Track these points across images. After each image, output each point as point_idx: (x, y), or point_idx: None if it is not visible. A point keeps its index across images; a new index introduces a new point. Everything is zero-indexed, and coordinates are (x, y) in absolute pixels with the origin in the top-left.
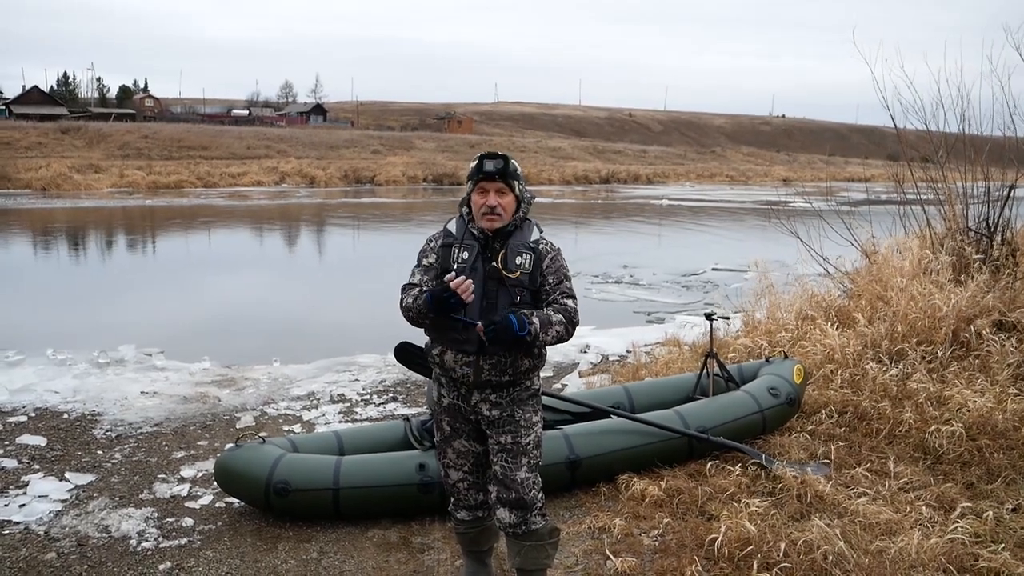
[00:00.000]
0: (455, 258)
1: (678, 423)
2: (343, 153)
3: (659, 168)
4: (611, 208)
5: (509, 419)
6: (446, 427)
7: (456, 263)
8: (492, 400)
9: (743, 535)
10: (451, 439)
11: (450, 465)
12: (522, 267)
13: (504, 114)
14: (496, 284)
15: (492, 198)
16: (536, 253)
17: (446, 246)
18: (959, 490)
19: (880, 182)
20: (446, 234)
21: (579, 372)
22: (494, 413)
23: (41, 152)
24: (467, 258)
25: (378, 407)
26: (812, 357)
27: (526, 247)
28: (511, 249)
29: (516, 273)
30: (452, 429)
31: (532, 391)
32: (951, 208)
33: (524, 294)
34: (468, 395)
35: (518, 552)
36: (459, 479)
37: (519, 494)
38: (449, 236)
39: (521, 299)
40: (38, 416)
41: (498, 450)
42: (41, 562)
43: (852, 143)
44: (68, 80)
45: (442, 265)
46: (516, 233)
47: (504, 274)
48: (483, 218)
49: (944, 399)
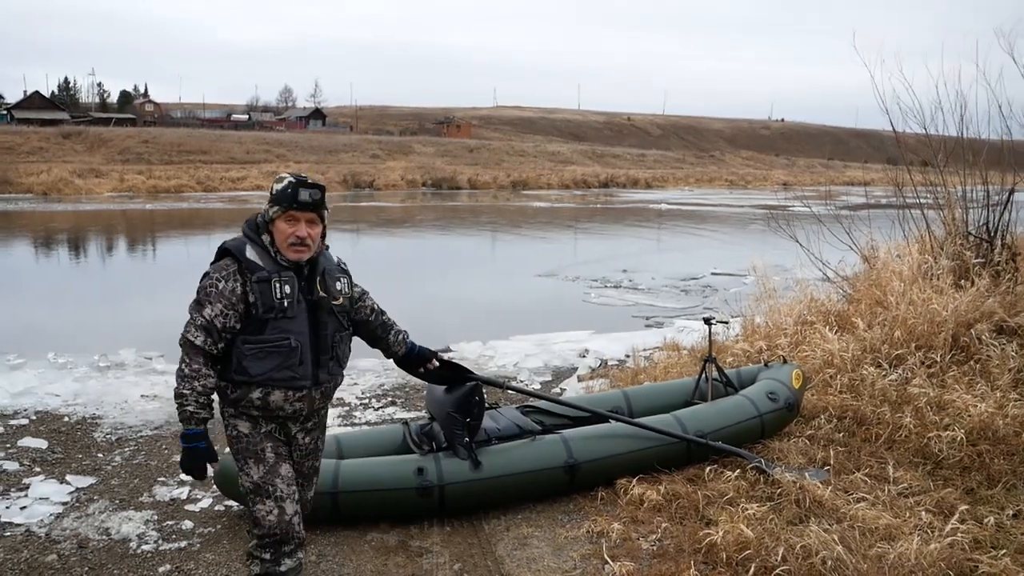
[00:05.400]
0: (277, 293)
1: (677, 428)
2: (342, 158)
3: (658, 172)
4: (610, 212)
5: (315, 448)
6: (270, 456)
7: (280, 299)
8: (307, 427)
9: (741, 540)
10: (278, 467)
11: (283, 497)
12: (343, 291)
13: (503, 118)
14: (324, 314)
15: (303, 228)
16: (348, 276)
17: (263, 281)
18: (959, 495)
19: (879, 186)
20: (251, 265)
21: (578, 376)
22: (306, 441)
23: (42, 157)
24: (289, 292)
25: (377, 411)
26: (811, 362)
27: (340, 271)
28: (328, 275)
29: (340, 299)
30: (276, 455)
31: (327, 412)
32: (950, 212)
33: (345, 318)
34: (286, 427)
35: None
36: (294, 511)
37: (305, 511)
38: (257, 268)
39: (344, 323)
40: (39, 419)
41: (296, 476)
42: (42, 564)
43: (851, 147)
44: (69, 85)
45: (264, 303)
46: (321, 258)
47: (332, 303)
48: (290, 249)
49: (944, 404)
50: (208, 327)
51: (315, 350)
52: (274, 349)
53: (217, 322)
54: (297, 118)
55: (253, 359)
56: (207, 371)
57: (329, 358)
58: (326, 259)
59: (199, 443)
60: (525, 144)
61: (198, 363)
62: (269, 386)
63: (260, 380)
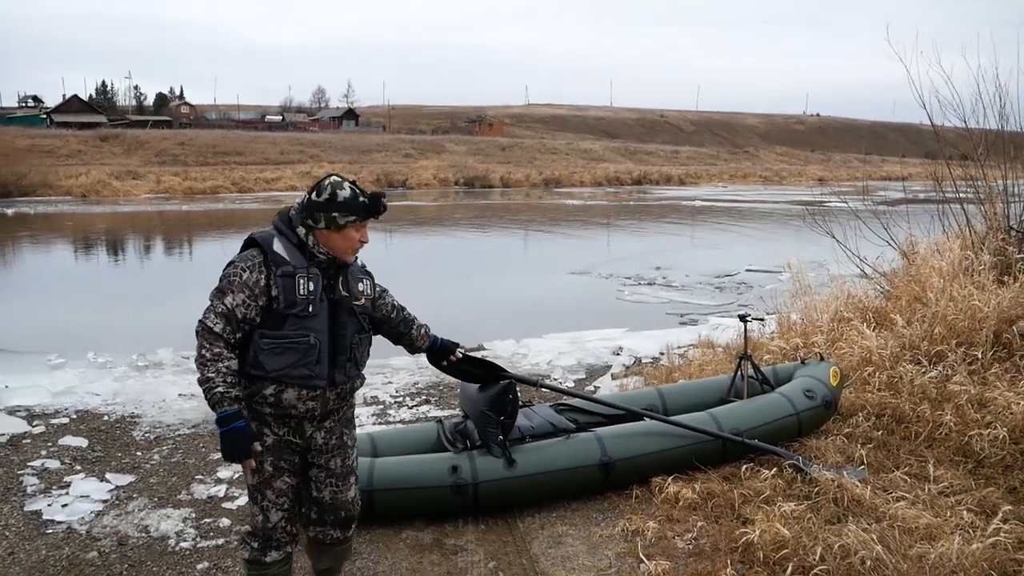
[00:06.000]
0: (301, 289)
1: (712, 425)
2: (375, 157)
3: (691, 169)
4: (643, 209)
5: (339, 444)
6: (267, 468)
7: (303, 295)
8: (325, 426)
9: (778, 539)
10: (271, 480)
11: (269, 507)
12: (365, 292)
13: (535, 116)
14: (345, 314)
15: (367, 234)
16: (371, 277)
17: (287, 276)
18: (1001, 495)
19: (918, 180)
20: (277, 259)
21: (612, 374)
22: (324, 439)
23: (81, 160)
24: (313, 289)
25: (411, 409)
26: (849, 359)
27: (363, 272)
28: (351, 276)
29: (362, 300)
30: (275, 469)
31: (354, 408)
32: (991, 207)
33: (366, 320)
34: (300, 428)
35: (331, 556)
36: (279, 520)
37: (349, 513)
38: (283, 262)
39: (365, 325)
40: (79, 418)
41: (326, 477)
42: (83, 560)
43: (888, 141)
44: (106, 88)
45: (286, 299)
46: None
47: (353, 303)
48: (349, 252)
49: (985, 401)
50: (228, 315)
51: (333, 350)
52: (292, 345)
53: (238, 312)
54: (330, 118)
55: (270, 354)
56: (229, 354)
57: (347, 359)
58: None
59: (237, 422)
60: (557, 142)
61: (218, 347)
62: (283, 383)
63: (275, 376)
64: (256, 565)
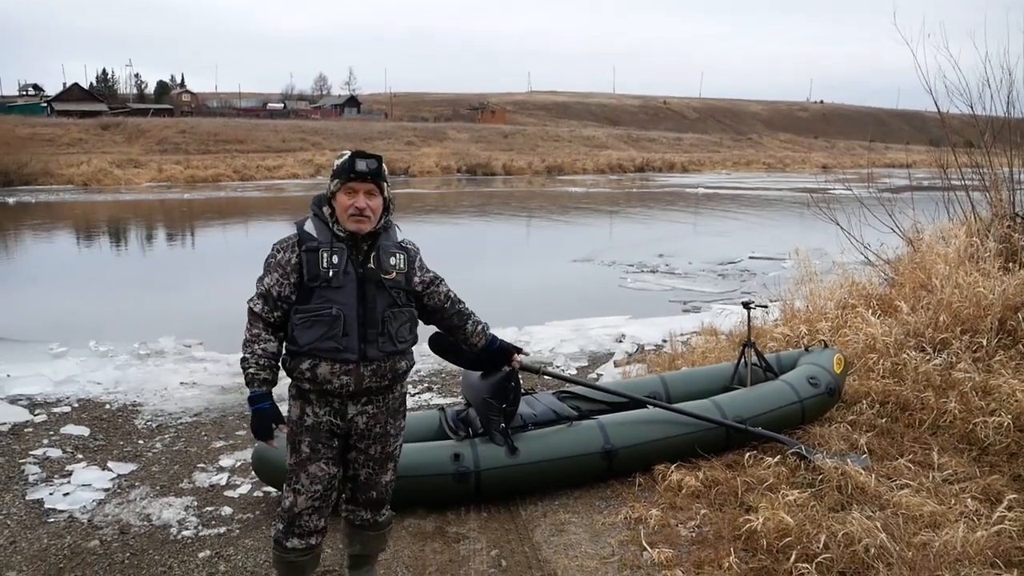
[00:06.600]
0: (324, 263)
1: (715, 413)
2: (377, 145)
3: (694, 156)
4: (646, 197)
5: (382, 433)
6: (305, 449)
7: (326, 268)
8: (369, 412)
9: (782, 526)
10: (307, 463)
11: (300, 491)
12: (397, 267)
13: (538, 103)
14: (374, 287)
15: (362, 200)
16: (408, 253)
17: (311, 250)
18: (1006, 482)
19: (922, 168)
20: (305, 237)
21: (615, 362)
22: (368, 425)
23: (82, 148)
24: (337, 262)
25: (413, 397)
26: (853, 346)
27: (397, 247)
28: (383, 250)
29: (393, 274)
30: (311, 451)
31: (403, 398)
32: (997, 194)
33: (401, 295)
34: (343, 409)
35: (361, 541)
36: (306, 507)
37: (381, 495)
38: (310, 239)
39: (399, 300)
40: (81, 407)
41: (365, 460)
42: (85, 549)
43: (893, 128)
44: (107, 76)
45: (309, 272)
46: (383, 234)
47: (382, 276)
48: (350, 220)
49: (990, 389)
50: (265, 295)
51: (362, 323)
52: (318, 318)
53: (273, 291)
54: (332, 106)
55: (302, 328)
56: (268, 336)
57: (379, 333)
58: (388, 235)
59: (262, 404)
60: (560, 129)
61: (258, 328)
62: (316, 357)
63: (307, 350)
64: (278, 546)
